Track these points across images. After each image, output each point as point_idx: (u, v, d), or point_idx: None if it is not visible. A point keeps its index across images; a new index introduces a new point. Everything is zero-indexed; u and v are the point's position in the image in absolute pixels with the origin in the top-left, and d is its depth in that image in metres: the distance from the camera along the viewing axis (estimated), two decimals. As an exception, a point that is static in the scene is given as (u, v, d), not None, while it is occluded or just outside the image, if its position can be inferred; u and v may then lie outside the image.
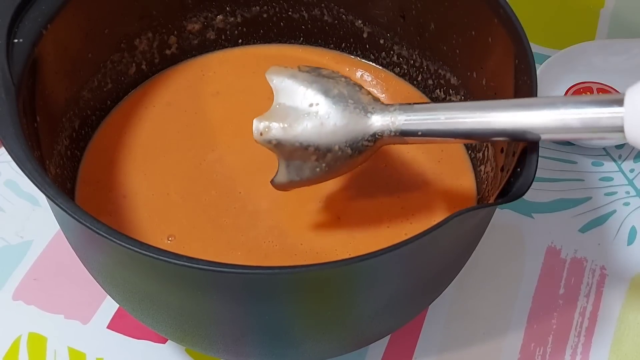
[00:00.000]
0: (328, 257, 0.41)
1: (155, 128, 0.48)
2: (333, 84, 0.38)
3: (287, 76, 0.38)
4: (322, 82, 0.38)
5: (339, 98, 0.38)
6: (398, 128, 0.37)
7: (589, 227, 0.51)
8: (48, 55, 0.41)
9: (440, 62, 0.48)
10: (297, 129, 0.37)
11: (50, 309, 0.47)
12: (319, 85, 0.38)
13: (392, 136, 0.37)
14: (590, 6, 0.65)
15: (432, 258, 0.36)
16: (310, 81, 0.38)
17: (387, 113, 0.37)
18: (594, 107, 0.33)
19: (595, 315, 0.47)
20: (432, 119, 0.36)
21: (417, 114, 0.37)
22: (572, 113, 0.33)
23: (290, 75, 0.38)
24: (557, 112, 0.34)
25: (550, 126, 0.34)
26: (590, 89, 0.56)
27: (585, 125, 0.33)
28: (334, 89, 0.38)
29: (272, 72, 0.39)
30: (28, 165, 0.34)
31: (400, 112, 0.37)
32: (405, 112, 0.37)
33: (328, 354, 0.41)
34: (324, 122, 0.37)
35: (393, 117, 0.37)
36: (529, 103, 0.35)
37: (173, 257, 0.31)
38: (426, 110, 0.37)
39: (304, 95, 0.38)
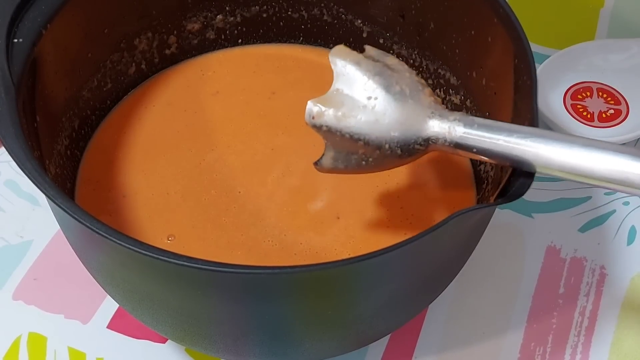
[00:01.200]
0: (328, 257, 0.41)
1: (155, 128, 0.48)
2: (396, 79, 0.37)
3: (350, 62, 0.37)
4: (386, 75, 0.37)
5: (399, 96, 0.36)
6: (453, 139, 0.36)
7: (589, 227, 0.51)
8: (48, 55, 0.41)
9: (439, 62, 0.48)
10: (351, 120, 0.36)
11: (50, 308, 0.47)
12: (381, 79, 0.36)
13: (445, 145, 0.36)
14: (590, 6, 0.65)
15: (432, 258, 0.36)
16: (373, 72, 0.37)
17: (445, 121, 0.36)
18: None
19: (595, 315, 0.47)
20: (491, 138, 0.35)
21: (476, 130, 0.35)
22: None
23: (354, 62, 0.37)
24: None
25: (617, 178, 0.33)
26: (590, 89, 0.56)
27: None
28: (396, 85, 0.37)
29: (337, 54, 0.37)
30: (28, 165, 0.34)
31: (460, 124, 0.36)
32: (465, 125, 0.36)
33: (328, 354, 0.41)
34: (379, 119, 0.36)
35: (452, 126, 0.36)
36: (599, 146, 0.34)
37: (173, 257, 0.31)
38: (487, 128, 0.35)
39: (364, 86, 0.36)
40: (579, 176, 0.34)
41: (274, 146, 0.47)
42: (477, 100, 0.45)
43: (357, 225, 0.43)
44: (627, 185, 0.33)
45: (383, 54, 0.38)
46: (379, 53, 0.38)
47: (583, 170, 0.34)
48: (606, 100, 0.55)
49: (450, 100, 0.48)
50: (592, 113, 0.55)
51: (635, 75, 0.57)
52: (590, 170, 0.33)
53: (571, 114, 0.55)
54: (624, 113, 0.55)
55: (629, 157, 0.33)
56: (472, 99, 0.46)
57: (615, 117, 0.55)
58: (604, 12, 0.64)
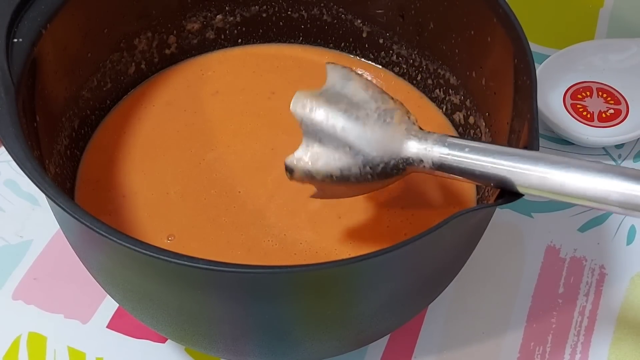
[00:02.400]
0: (328, 257, 0.42)
1: (154, 127, 0.48)
2: (363, 109, 0.37)
3: (312, 107, 0.37)
4: (351, 108, 0.37)
5: (370, 123, 0.36)
6: (432, 160, 0.36)
7: (589, 227, 0.51)
8: (47, 54, 0.41)
9: (439, 62, 0.48)
10: (328, 166, 0.37)
11: (50, 308, 0.47)
12: (347, 115, 0.37)
13: (423, 166, 0.36)
14: (590, 6, 0.65)
15: (432, 258, 0.36)
16: (337, 111, 0.37)
17: (423, 141, 0.36)
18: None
19: (594, 315, 0.47)
20: (469, 158, 0.35)
21: (455, 151, 0.35)
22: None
23: (315, 107, 0.37)
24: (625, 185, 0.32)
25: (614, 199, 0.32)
26: (590, 89, 0.56)
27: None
28: (365, 115, 0.37)
29: (295, 103, 0.38)
30: (28, 164, 0.34)
31: (438, 144, 0.35)
32: (443, 145, 0.35)
33: (328, 353, 0.41)
34: (354, 154, 0.36)
35: (429, 147, 0.36)
36: (593, 168, 0.33)
37: (173, 257, 0.31)
38: (466, 149, 0.35)
39: (333, 128, 0.37)
40: (561, 196, 0.33)
41: (274, 146, 0.47)
42: (476, 100, 0.45)
43: (357, 225, 0.43)
44: (608, 203, 0.32)
45: (344, 78, 0.38)
46: (341, 78, 0.38)
47: (566, 190, 0.33)
48: (606, 100, 0.55)
49: (450, 100, 0.48)
50: (592, 113, 0.55)
51: (635, 75, 0.57)
52: (574, 190, 0.33)
53: (571, 114, 0.55)
54: (623, 113, 0.55)
55: (611, 175, 0.32)
56: (471, 99, 0.46)
57: (615, 116, 0.55)
58: (603, 12, 0.64)
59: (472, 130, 0.46)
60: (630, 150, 0.55)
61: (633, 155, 0.55)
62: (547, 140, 0.55)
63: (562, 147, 0.55)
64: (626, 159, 0.54)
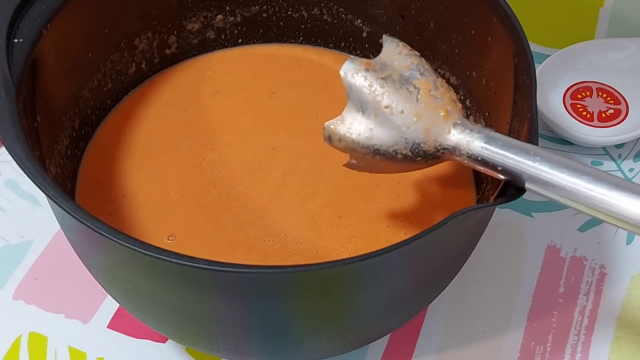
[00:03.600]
0: (328, 257, 0.42)
1: (155, 127, 0.48)
2: (414, 88, 0.37)
3: (362, 77, 0.37)
4: (401, 85, 0.37)
5: (416, 105, 0.36)
6: (471, 152, 0.35)
7: (589, 226, 0.51)
8: (48, 55, 0.41)
9: (439, 62, 0.48)
10: (366, 136, 0.36)
11: (51, 308, 0.47)
12: (396, 90, 0.36)
13: (462, 156, 0.36)
14: (590, 5, 0.65)
15: (432, 258, 0.36)
16: (387, 85, 0.37)
17: (467, 132, 0.36)
18: None
19: (595, 314, 0.47)
20: (507, 157, 0.35)
21: (497, 148, 0.35)
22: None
23: (366, 77, 0.37)
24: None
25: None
26: (590, 89, 0.56)
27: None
28: (412, 95, 0.36)
29: (347, 69, 0.37)
30: (28, 164, 0.34)
31: (481, 137, 0.35)
32: (485, 140, 0.35)
33: (328, 353, 0.41)
34: (395, 130, 0.36)
35: (472, 139, 0.35)
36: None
37: (173, 257, 0.31)
38: (508, 147, 0.35)
39: (378, 99, 0.36)
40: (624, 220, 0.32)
41: (274, 146, 0.47)
42: (477, 100, 0.45)
43: (357, 225, 0.43)
44: None
45: (399, 52, 0.38)
46: (396, 52, 0.38)
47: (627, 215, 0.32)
48: (606, 100, 0.55)
49: (450, 100, 0.48)
50: (592, 113, 0.55)
51: (635, 75, 0.57)
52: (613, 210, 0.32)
53: (571, 114, 0.55)
54: (623, 113, 0.55)
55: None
56: (472, 98, 0.46)
57: (615, 116, 0.55)
58: (603, 11, 0.64)
59: (472, 130, 0.46)
60: (630, 150, 0.55)
61: (633, 155, 0.55)
62: (547, 140, 0.55)
63: (562, 147, 0.55)
64: (626, 158, 0.55)
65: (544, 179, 0.34)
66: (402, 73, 0.37)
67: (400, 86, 0.37)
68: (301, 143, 0.47)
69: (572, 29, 0.63)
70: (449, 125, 0.36)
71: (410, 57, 0.38)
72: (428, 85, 0.37)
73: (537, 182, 0.34)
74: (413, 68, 0.37)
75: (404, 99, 0.36)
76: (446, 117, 0.36)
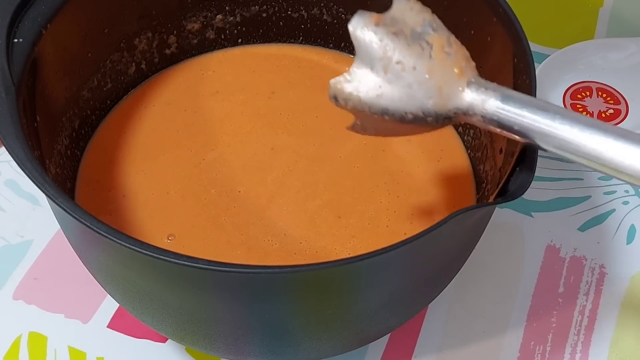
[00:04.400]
0: (328, 257, 0.42)
1: (154, 127, 0.48)
2: (427, 45, 0.34)
3: (372, 32, 0.34)
4: (414, 41, 0.34)
5: (429, 63, 0.34)
6: (486, 113, 0.33)
7: (589, 226, 0.51)
8: (48, 54, 0.41)
9: (439, 61, 0.48)
10: (375, 95, 0.34)
11: (51, 308, 0.47)
12: (408, 47, 0.34)
13: (477, 117, 0.34)
14: (589, 5, 0.65)
15: (432, 257, 0.36)
16: (399, 41, 0.34)
17: (482, 91, 0.34)
18: None
19: (594, 314, 0.47)
20: (524, 116, 0.33)
21: (512, 107, 0.33)
22: None
23: (376, 31, 0.34)
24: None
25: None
26: (590, 89, 0.56)
27: None
28: (424, 52, 0.34)
29: (357, 23, 0.35)
30: (28, 164, 0.34)
31: (497, 96, 0.33)
32: (502, 99, 0.33)
33: (328, 353, 0.41)
34: (406, 90, 0.34)
35: (487, 98, 0.33)
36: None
37: (173, 257, 0.31)
38: (524, 105, 0.33)
39: (389, 56, 0.34)
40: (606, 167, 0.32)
41: (274, 146, 0.47)
42: (476, 100, 0.45)
43: (356, 225, 0.43)
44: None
45: (417, 9, 0.36)
46: (408, 8, 0.35)
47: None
48: (606, 100, 0.56)
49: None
50: (592, 113, 0.55)
51: (635, 75, 0.57)
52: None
53: (571, 114, 0.55)
54: (623, 112, 0.55)
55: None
56: (471, 98, 0.46)
57: (614, 116, 0.55)
58: (603, 11, 0.64)
59: (471, 130, 0.46)
60: (630, 149, 0.55)
61: (633, 154, 0.55)
62: (547, 140, 0.55)
63: (562, 147, 0.55)
64: (626, 158, 0.54)
65: (562, 138, 0.32)
66: (414, 28, 0.35)
67: (413, 42, 0.34)
68: (301, 143, 0.47)
69: (571, 29, 0.63)
70: (463, 84, 0.34)
71: (423, 13, 0.35)
72: (441, 41, 0.35)
73: (555, 143, 0.33)
74: (425, 24, 0.35)
75: (416, 55, 0.34)
76: (460, 74, 0.34)
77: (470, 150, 0.46)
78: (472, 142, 0.46)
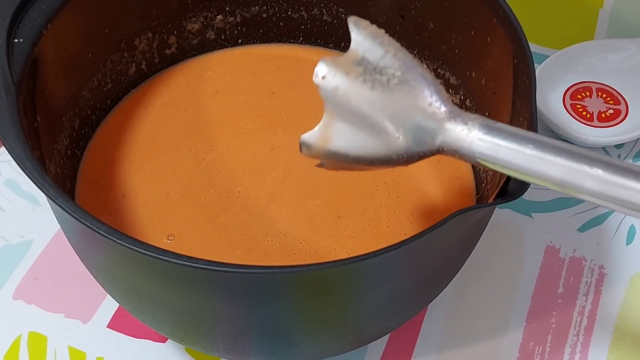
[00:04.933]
0: (327, 257, 0.42)
1: (155, 128, 0.48)
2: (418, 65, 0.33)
3: (371, 33, 0.33)
4: (406, 58, 0.33)
5: (418, 82, 0.32)
6: (469, 146, 0.31)
7: (588, 227, 0.51)
8: (48, 55, 0.41)
9: (439, 62, 0.48)
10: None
11: (51, 308, 0.47)
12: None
13: (458, 151, 0.32)
14: (589, 6, 0.65)
15: (432, 258, 0.36)
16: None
17: (462, 124, 0.32)
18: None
19: (594, 314, 0.47)
20: (509, 148, 0.31)
21: (501, 138, 0.31)
22: None
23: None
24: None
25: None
26: (590, 89, 0.56)
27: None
28: (416, 69, 0.32)
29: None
30: (28, 164, 0.34)
31: (481, 127, 0.31)
32: (485, 129, 0.31)
33: (327, 353, 0.41)
34: (395, 98, 0.32)
35: (469, 131, 0.31)
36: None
37: (173, 257, 0.31)
38: (510, 136, 0.31)
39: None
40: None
41: (274, 146, 0.47)
42: (476, 100, 0.45)
43: (356, 226, 0.43)
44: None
45: (372, 40, 0.34)
46: (369, 41, 0.34)
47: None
48: (605, 100, 0.56)
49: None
50: (592, 113, 0.55)
51: (635, 75, 0.57)
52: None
53: (570, 114, 0.55)
54: (623, 113, 0.55)
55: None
56: (471, 98, 0.46)
57: (614, 117, 0.55)
58: (603, 12, 0.64)
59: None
60: (629, 150, 0.55)
61: (632, 155, 0.55)
62: (547, 140, 0.55)
63: (562, 147, 0.55)
64: (625, 159, 0.55)
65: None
66: (380, 67, 0.33)
67: (380, 82, 0.32)
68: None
69: (571, 29, 0.63)
70: (444, 122, 0.32)
71: (384, 46, 0.33)
72: (410, 75, 0.33)
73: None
74: (391, 58, 0.33)
75: (385, 97, 0.32)
76: (436, 110, 0.32)
77: (470, 150, 0.46)
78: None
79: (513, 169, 0.32)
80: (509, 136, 0.31)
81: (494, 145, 0.31)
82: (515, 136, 0.31)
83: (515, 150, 0.31)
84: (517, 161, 0.31)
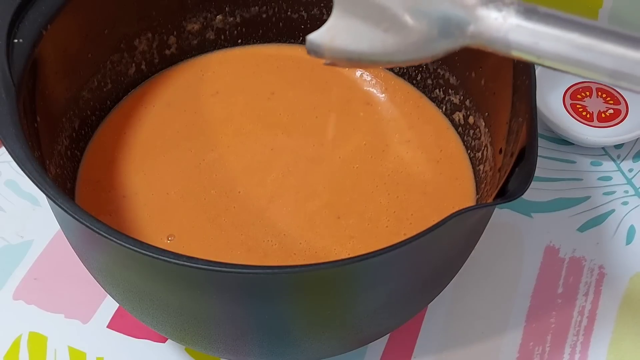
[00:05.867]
0: (327, 257, 0.42)
1: (154, 128, 0.48)
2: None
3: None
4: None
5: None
6: (507, 35, 0.27)
7: (588, 227, 0.51)
8: (48, 55, 0.41)
9: (439, 62, 0.48)
10: (356, 43, 0.29)
11: (51, 308, 0.47)
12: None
13: (492, 38, 0.28)
14: (589, 6, 0.65)
15: (431, 258, 0.36)
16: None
17: (497, 9, 0.27)
18: None
19: (593, 314, 0.47)
20: (549, 35, 0.27)
21: (542, 24, 0.27)
22: None
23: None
24: None
25: None
26: (590, 89, 0.56)
27: None
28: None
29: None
30: (28, 165, 0.34)
31: (518, 13, 0.27)
32: (524, 15, 0.27)
33: (327, 353, 0.41)
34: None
35: (504, 17, 0.27)
36: None
37: (173, 257, 0.31)
38: (558, 23, 0.27)
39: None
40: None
41: (274, 146, 0.47)
42: (476, 100, 0.45)
43: (356, 226, 0.43)
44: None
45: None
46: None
47: None
48: (605, 100, 0.56)
49: (450, 100, 0.48)
50: (592, 113, 0.55)
51: (634, 75, 0.57)
52: None
53: (570, 114, 0.55)
54: (623, 113, 0.55)
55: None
56: (471, 98, 0.46)
57: (614, 116, 0.55)
58: (602, 12, 0.64)
59: (471, 130, 0.46)
60: (629, 150, 0.55)
61: (632, 155, 0.55)
62: (547, 140, 0.55)
63: (562, 147, 0.55)
64: (625, 159, 0.55)
65: None
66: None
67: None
68: (300, 144, 0.47)
69: (571, 29, 0.63)
70: (477, 7, 0.28)
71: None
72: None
73: None
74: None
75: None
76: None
77: (470, 150, 0.46)
78: (471, 143, 0.46)
79: (557, 60, 0.28)
80: (553, 22, 0.27)
81: (534, 34, 0.27)
82: (560, 21, 0.27)
83: (560, 38, 0.27)
84: (563, 52, 0.27)
